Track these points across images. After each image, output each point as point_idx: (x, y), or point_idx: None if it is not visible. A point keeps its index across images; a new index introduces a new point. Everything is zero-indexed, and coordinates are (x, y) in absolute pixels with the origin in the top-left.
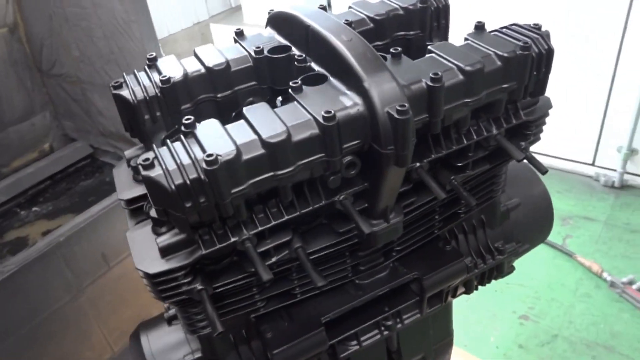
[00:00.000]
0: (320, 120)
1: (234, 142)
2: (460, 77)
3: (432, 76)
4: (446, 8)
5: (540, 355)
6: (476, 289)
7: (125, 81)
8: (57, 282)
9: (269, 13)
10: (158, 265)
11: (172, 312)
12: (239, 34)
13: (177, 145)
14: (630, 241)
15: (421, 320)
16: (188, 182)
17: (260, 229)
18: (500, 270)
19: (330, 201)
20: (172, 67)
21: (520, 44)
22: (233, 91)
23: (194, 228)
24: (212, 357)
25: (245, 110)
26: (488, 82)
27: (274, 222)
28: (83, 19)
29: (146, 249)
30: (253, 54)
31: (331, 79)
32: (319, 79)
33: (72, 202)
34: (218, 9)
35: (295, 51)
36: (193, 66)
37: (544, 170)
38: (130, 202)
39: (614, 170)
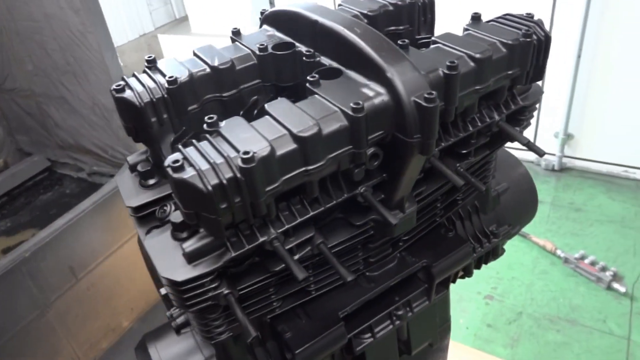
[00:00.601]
0: (349, 111)
1: (265, 138)
2: (472, 64)
3: (449, 64)
4: (432, 3)
5: (509, 333)
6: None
7: (127, 84)
8: (23, 299)
9: (262, 13)
10: (186, 272)
11: (180, 320)
12: (236, 33)
13: (205, 144)
14: (577, 219)
15: (428, 308)
16: (224, 181)
17: (287, 226)
18: (495, 252)
19: (352, 194)
20: (175, 68)
21: (522, 31)
22: (238, 90)
23: (212, 233)
24: None
25: (267, 106)
26: (496, 69)
27: (300, 219)
28: (36, 32)
29: (169, 256)
30: (257, 51)
31: (347, 71)
32: (334, 73)
33: (33, 216)
34: (163, 20)
35: (301, 47)
36: (197, 66)
37: (542, 153)
38: (138, 209)
39: (553, 154)
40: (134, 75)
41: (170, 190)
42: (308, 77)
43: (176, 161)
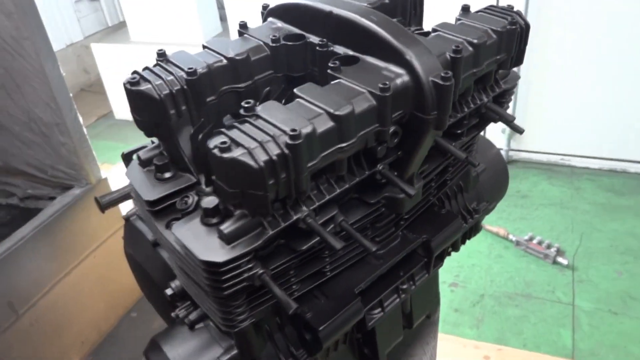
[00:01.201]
0: (377, 92)
1: (305, 117)
2: (470, 49)
3: (455, 48)
4: None
5: (474, 314)
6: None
7: (142, 77)
8: None
9: (264, 7)
10: (225, 253)
11: (192, 316)
12: (243, 26)
13: (247, 127)
14: (524, 205)
15: (427, 281)
16: (274, 157)
17: (317, 203)
18: (477, 228)
19: (372, 172)
20: (189, 60)
21: (508, 20)
22: (253, 81)
23: (257, 211)
24: (248, 352)
25: (297, 90)
26: (488, 53)
27: (328, 197)
28: None
29: (205, 240)
30: (270, 42)
31: (365, 57)
32: (352, 59)
33: None
34: (94, 28)
35: (313, 38)
36: (212, 58)
37: (521, 131)
38: (155, 203)
39: (501, 149)
40: (146, 69)
41: (187, 183)
42: (329, 64)
43: (224, 142)
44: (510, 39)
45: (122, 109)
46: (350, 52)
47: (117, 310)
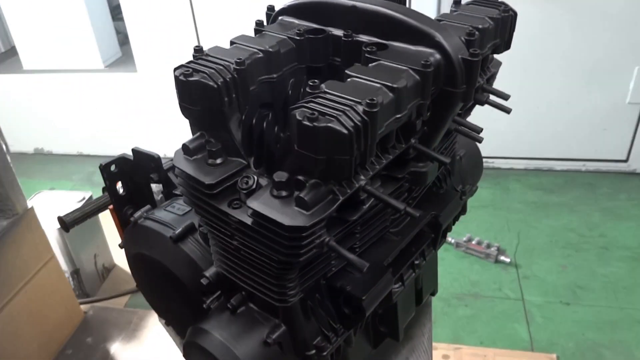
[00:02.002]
0: (419, 68)
1: (368, 91)
2: (477, 34)
3: (469, 31)
4: None
5: None
6: None
7: (193, 69)
8: None
9: (269, 8)
10: (308, 219)
11: (234, 300)
12: (260, 24)
13: (322, 101)
14: None
15: (432, 258)
16: (360, 124)
17: (372, 173)
18: (464, 209)
19: (408, 145)
20: (228, 53)
21: (500, 9)
22: (282, 72)
23: (325, 178)
24: (296, 327)
25: (348, 70)
26: (488, 39)
27: (378, 167)
28: None
29: (282, 211)
30: (295, 36)
31: (391, 43)
32: (381, 45)
33: None
34: None
35: (335, 31)
36: (248, 50)
37: (508, 110)
38: (213, 186)
39: None
40: (191, 62)
41: (240, 166)
42: (365, 49)
43: (312, 113)
44: (504, 26)
45: (18, 141)
46: (375, 40)
47: (50, 348)
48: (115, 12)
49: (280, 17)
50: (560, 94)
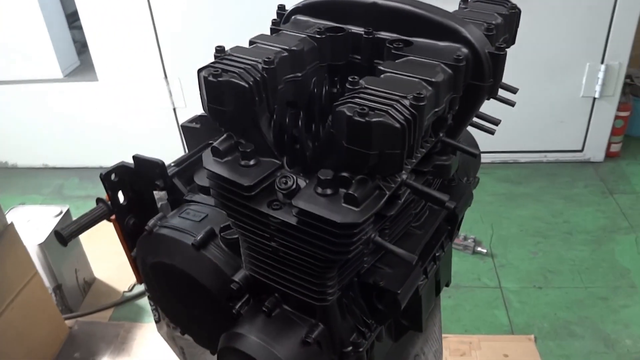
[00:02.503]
0: (452, 62)
1: (408, 86)
2: (494, 30)
3: (487, 26)
4: None
5: None
6: None
7: (222, 69)
8: None
9: (280, 7)
10: (359, 215)
11: (269, 303)
12: (277, 24)
13: (366, 96)
14: None
15: (449, 249)
16: (410, 118)
17: (410, 167)
18: (470, 202)
19: (437, 139)
20: (252, 53)
21: (507, 5)
22: (306, 70)
23: (372, 174)
24: (333, 326)
25: (382, 66)
26: (499, 34)
27: (415, 161)
28: None
29: (331, 208)
30: (316, 35)
31: (417, 39)
32: (406, 42)
33: None
34: None
35: (355, 29)
36: (273, 49)
37: (513, 103)
38: (252, 187)
39: None
40: (215, 62)
41: (275, 167)
42: (393, 45)
43: (362, 108)
44: (512, 21)
45: None
46: (398, 36)
47: None
48: (71, 20)
49: (293, 17)
50: (522, 89)
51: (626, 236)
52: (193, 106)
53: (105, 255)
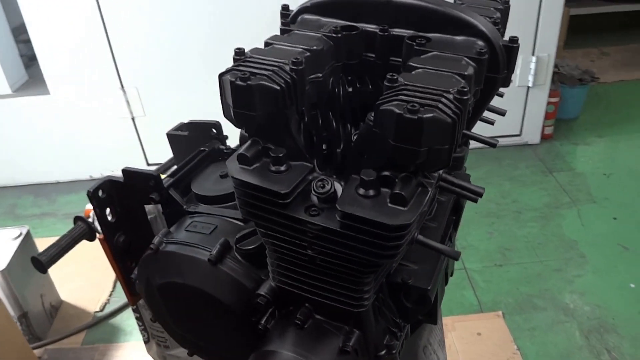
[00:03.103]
0: (475, 56)
1: (446, 80)
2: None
3: (494, 20)
4: None
5: None
6: None
7: (249, 73)
8: None
9: (284, 7)
10: (407, 215)
11: (301, 315)
12: (286, 24)
13: (408, 93)
14: None
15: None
16: (459, 112)
17: None
18: None
19: None
20: (274, 54)
21: (500, 0)
22: (325, 70)
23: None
24: (368, 330)
25: (412, 62)
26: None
27: None
28: None
29: (377, 210)
30: (332, 34)
31: (434, 35)
32: (424, 38)
33: None
34: None
35: (368, 27)
36: (296, 50)
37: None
38: (288, 194)
39: None
40: (239, 66)
41: (307, 171)
42: (416, 42)
43: (413, 105)
44: (505, 15)
45: None
46: (413, 33)
47: None
48: (17, 34)
49: (300, 16)
50: None
51: (569, 210)
52: (152, 114)
53: (70, 277)
